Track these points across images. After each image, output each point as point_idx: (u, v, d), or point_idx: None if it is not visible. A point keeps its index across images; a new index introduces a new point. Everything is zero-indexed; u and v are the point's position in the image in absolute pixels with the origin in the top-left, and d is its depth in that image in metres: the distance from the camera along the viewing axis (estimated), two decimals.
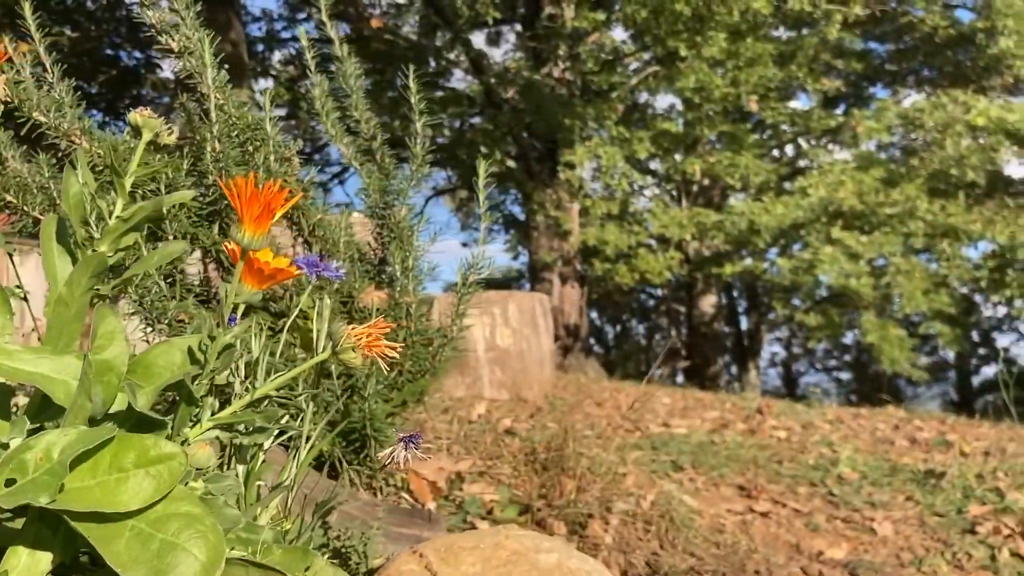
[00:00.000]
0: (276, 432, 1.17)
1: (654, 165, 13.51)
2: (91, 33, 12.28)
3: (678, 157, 12.30)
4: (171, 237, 1.75)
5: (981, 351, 15.69)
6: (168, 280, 1.78)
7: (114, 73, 12.80)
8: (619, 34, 12.76)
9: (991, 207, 11.58)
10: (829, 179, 10.86)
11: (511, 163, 12.65)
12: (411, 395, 2.06)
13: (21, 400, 1.09)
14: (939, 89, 12.39)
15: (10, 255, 1.30)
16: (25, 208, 1.72)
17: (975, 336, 15.28)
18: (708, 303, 13.70)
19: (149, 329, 1.79)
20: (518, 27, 12.78)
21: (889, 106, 12.17)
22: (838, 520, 2.70)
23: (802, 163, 13.43)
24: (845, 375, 17.89)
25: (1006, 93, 12.48)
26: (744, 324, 15.42)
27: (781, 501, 2.78)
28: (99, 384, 0.95)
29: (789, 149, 13.91)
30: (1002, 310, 14.76)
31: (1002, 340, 16.02)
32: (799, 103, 13.64)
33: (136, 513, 0.83)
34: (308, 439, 1.23)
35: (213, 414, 1.07)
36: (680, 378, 14.06)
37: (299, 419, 1.24)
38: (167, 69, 14.17)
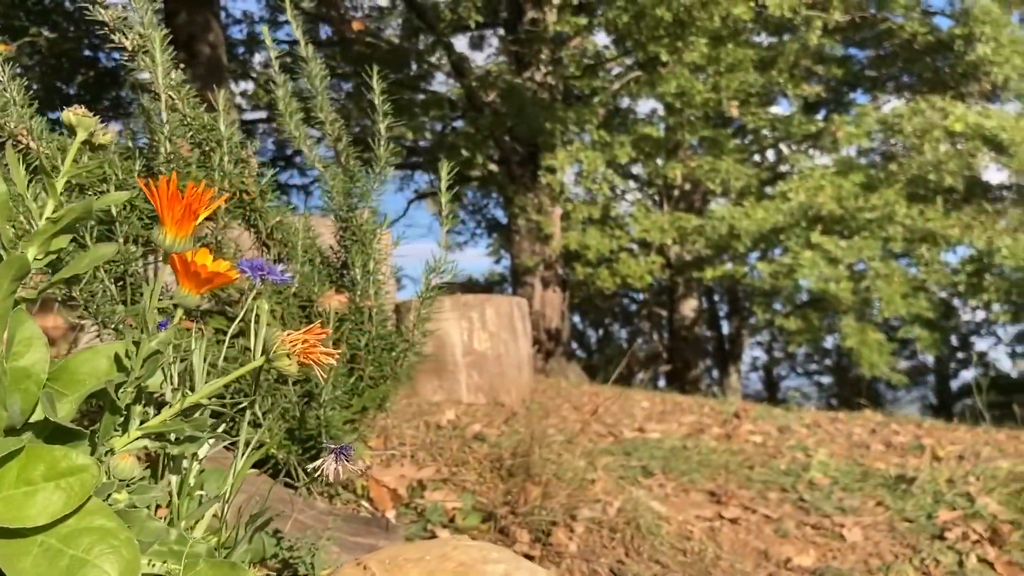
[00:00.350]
0: (211, 441, 1.14)
1: (636, 169, 13.53)
2: (69, 34, 12.16)
3: (660, 162, 12.32)
4: (121, 240, 1.71)
5: (960, 355, 15.79)
6: (119, 283, 1.74)
7: (92, 74, 12.69)
8: (602, 39, 12.79)
9: (969, 212, 11.66)
10: (809, 184, 10.90)
11: (493, 167, 12.63)
12: (371, 401, 2.03)
13: None
14: (918, 95, 12.48)
15: None
16: None
17: (954, 340, 15.38)
18: (689, 307, 13.72)
19: (104, 334, 1.75)
20: (501, 31, 12.77)
21: (869, 112, 12.23)
22: (808, 526, 2.68)
23: (783, 168, 13.49)
24: (826, 379, 17.96)
25: (983, 99, 12.58)
26: (725, 328, 15.47)
27: (751, 507, 2.76)
28: (16, 392, 0.92)
29: (770, 154, 13.97)
30: (980, 314, 14.87)
31: (981, 344, 16.14)
32: (780, 108, 13.70)
33: (45, 528, 0.80)
34: (248, 446, 1.19)
35: (144, 423, 1.04)
36: (662, 382, 14.08)
37: (237, 427, 1.20)
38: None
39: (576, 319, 17.08)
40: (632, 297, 16.75)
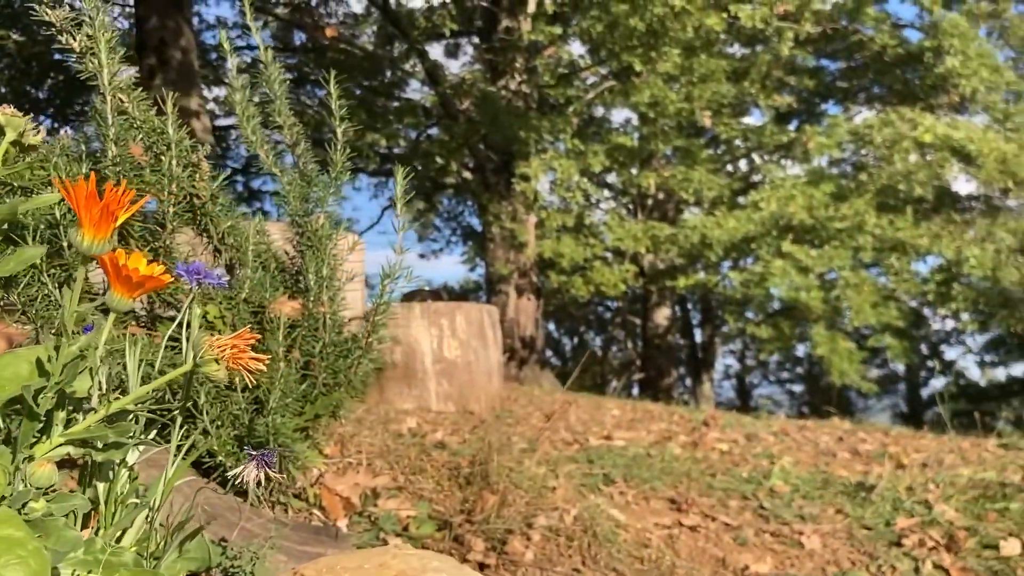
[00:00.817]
0: (141, 448, 1.12)
1: (610, 178, 13.58)
2: (39, 37, 12.03)
3: (634, 171, 12.37)
4: (66, 244, 1.68)
5: (930, 364, 15.96)
6: (63, 288, 1.71)
7: (63, 79, 12.55)
8: (576, 48, 12.85)
9: (938, 222, 11.80)
10: (780, 194, 10.98)
11: (467, 174, 12.63)
12: (324, 409, 2.01)
13: None
14: (888, 106, 12.63)
15: None
16: None
17: (924, 349, 15.54)
18: (662, 315, 13.76)
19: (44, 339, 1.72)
20: (475, 39, 12.79)
21: (840, 122, 12.36)
22: (767, 534, 2.69)
23: (755, 178, 13.59)
24: (798, 387, 18.08)
25: (952, 111, 12.75)
26: (698, 336, 15.53)
27: (711, 515, 2.76)
28: None
29: (742, 164, 14.07)
30: (950, 323, 15.04)
31: (950, 353, 16.31)
32: (752, 119, 13.81)
33: None
34: (180, 453, 1.17)
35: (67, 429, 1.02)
36: (636, 390, 14.11)
37: (185, 433, 1.18)
38: (120, 75, 13.90)
39: (551, 327, 17.10)
40: (606, 305, 16.79)
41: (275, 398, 1.84)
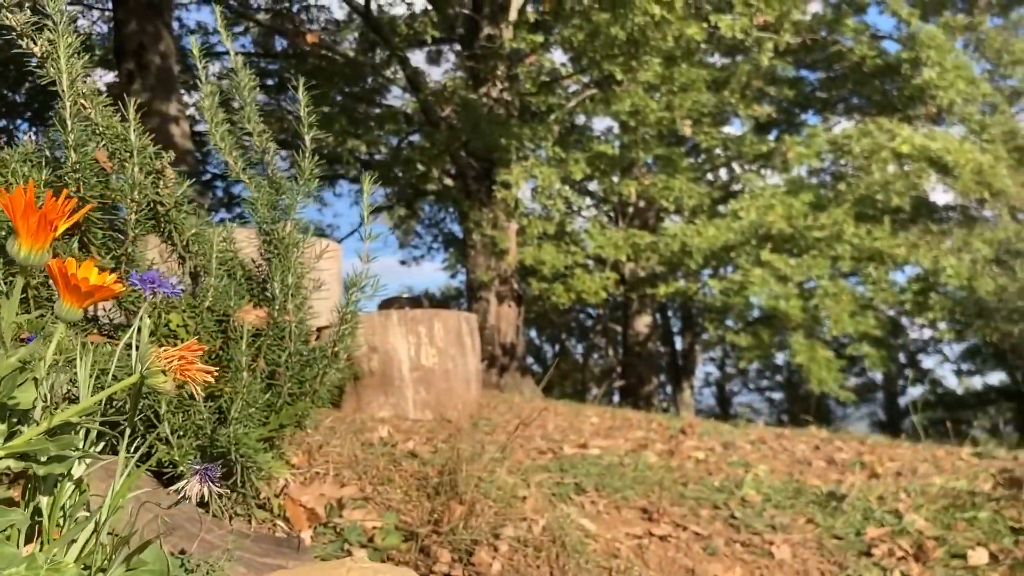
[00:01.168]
0: (87, 460, 1.10)
1: (592, 186, 13.61)
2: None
3: (615, 179, 12.41)
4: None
5: (908, 372, 16.08)
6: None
7: (41, 82, 12.44)
8: (558, 56, 12.88)
9: (915, 232, 11.91)
10: (760, 203, 11.05)
11: (449, 181, 12.62)
12: (288, 419, 1.99)
13: None
14: (867, 117, 12.74)
15: None
16: None
17: (902, 358, 15.65)
18: (643, 323, 13.79)
19: None
20: (457, 47, 12.80)
21: (819, 132, 12.46)
22: (737, 543, 2.68)
23: (735, 187, 13.67)
24: (777, 395, 18.16)
25: (930, 122, 12.88)
26: (679, 344, 15.56)
27: (682, 524, 2.76)
28: None
29: (722, 173, 14.14)
30: (927, 333, 15.16)
31: (928, 362, 16.44)
32: (732, 128, 13.91)
33: None
34: (127, 466, 1.15)
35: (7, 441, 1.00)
36: (617, 397, 14.12)
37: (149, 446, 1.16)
38: (98, 80, 13.82)
39: (532, 334, 17.10)
40: (588, 313, 16.81)
41: (237, 408, 1.82)
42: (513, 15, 11.37)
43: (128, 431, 1.14)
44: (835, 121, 14.34)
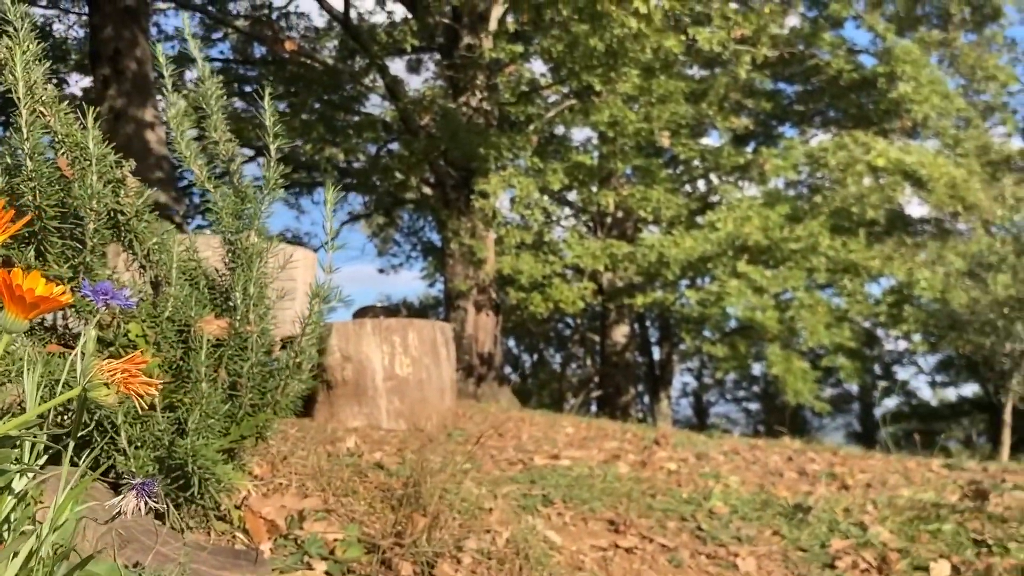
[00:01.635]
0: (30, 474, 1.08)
1: (570, 196, 13.65)
2: None
3: (593, 189, 12.46)
4: None
5: (880, 384, 16.21)
6: None
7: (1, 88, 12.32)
8: (538, 67, 12.93)
9: (890, 245, 12.03)
10: (737, 214, 11.12)
11: (427, 190, 12.61)
12: (249, 430, 1.97)
13: None
14: (843, 130, 12.88)
15: None
16: None
17: (877, 369, 15.78)
18: (621, 333, 13.83)
19: None
20: (437, 56, 12.81)
21: (796, 145, 12.58)
22: (702, 556, 2.69)
23: (712, 198, 13.75)
24: (754, 406, 18.25)
25: (905, 136, 13.04)
26: (656, 354, 15.61)
27: (648, 536, 2.76)
28: None
29: (700, 184, 14.23)
30: (903, 344, 15.30)
31: (903, 373, 16.59)
32: (710, 140, 14.00)
33: None
34: (71, 479, 1.13)
35: None
36: (594, 407, 14.13)
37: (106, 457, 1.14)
38: (72, 85, 13.73)
39: (510, 343, 17.10)
40: (566, 322, 16.83)
41: (194, 419, 1.80)
42: (493, 25, 11.40)
43: (72, 444, 1.13)
44: (812, 134, 14.48)
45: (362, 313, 7.05)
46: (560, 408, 12.56)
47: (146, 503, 1.03)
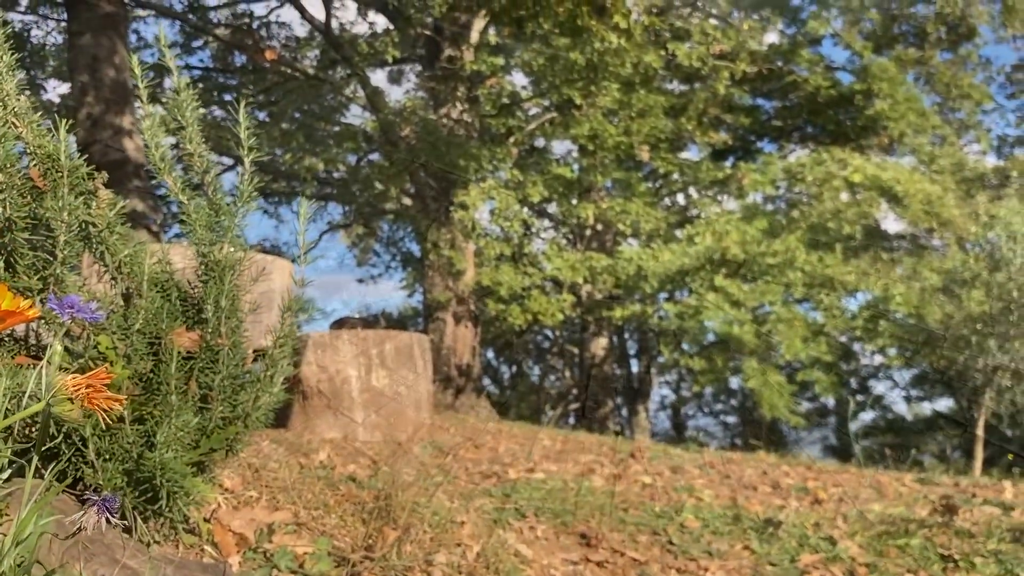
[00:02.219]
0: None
1: (550, 209, 13.70)
2: None
3: (573, 202, 12.51)
4: None
5: (859, 398, 16.33)
6: None
7: None
8: (519, 79, 13.00)
9: (866, 260, 12.14)
10: (715, 228, 11.20)
11: (407, 201, 12.62)
12: (219, 443, 1.97)
13: None
14: (821, 146, 13.01)
15: None
16: None
17: (853, 383, 15.89)
18: (599, 346, 13.86)
19: None
20: (419, 67, 12.85)
21: (774, 160, 12.69)
22: (673, 570, 2.70)
23: (691, 212, 13.84)
24: (732, 419, 18.33)
25: (881, 152, 13.19)
26: (635, 367, 15.67)
27: (620, 550, 2.77)
28: None
29: (679, 198, 14.32)
30: (878, 358, 15.42)
31: (879, 387, 16.71)
32: (689, 154, 14.11)
33: None
34: (36, 493, 1.13)
35: None
36: (572, 419, 14.15)
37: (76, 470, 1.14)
38: (50, 91, 13.63)
39: (489, 355, 17.09)
40: (545, 334, 16.86)
41: (164, 432, 1.80)
42: (474, 38, 11.45)
43: (36, 457, 1.12)
44: (790, 149, 14.61)
45: (340, 324, 7.05)
46: (539, 420, 12.56)
47: (107, 518, 1.03)
